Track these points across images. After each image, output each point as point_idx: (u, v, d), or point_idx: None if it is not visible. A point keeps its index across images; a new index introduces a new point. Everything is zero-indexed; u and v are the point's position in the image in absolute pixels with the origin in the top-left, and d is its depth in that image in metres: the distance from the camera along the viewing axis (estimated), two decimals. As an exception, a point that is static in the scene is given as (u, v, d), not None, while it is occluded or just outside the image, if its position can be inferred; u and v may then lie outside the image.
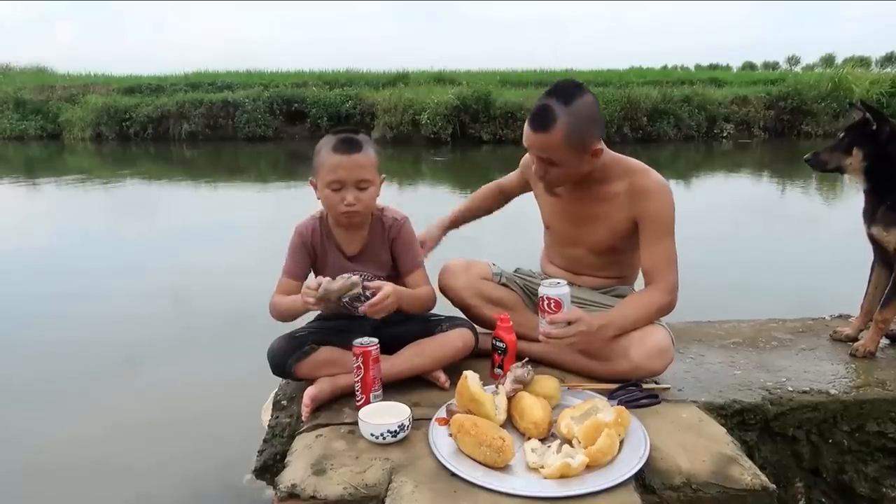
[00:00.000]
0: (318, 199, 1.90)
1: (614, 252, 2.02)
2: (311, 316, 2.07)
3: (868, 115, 2.06)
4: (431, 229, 2.31)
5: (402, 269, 1.95)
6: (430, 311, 1.99)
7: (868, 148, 2.08)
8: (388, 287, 1.75)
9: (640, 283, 2.00)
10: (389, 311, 1.75)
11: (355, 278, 1.70)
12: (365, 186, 1.82)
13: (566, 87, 1.79)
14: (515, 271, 2.21)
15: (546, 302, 1.78)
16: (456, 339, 1.89)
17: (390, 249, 1.94)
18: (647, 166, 1.93)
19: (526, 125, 1.82)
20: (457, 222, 2.38)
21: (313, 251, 1.95)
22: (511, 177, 2.30)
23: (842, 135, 2.16)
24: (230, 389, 2.86)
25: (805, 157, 2.23)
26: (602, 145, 1.85)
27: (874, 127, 2.06)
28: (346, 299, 1.75)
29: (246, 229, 6.20)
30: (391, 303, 1.74)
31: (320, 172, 1.82)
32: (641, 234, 1.90)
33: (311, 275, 1.76)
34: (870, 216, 2.13)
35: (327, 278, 1.70)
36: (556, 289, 1.78)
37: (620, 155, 1.95)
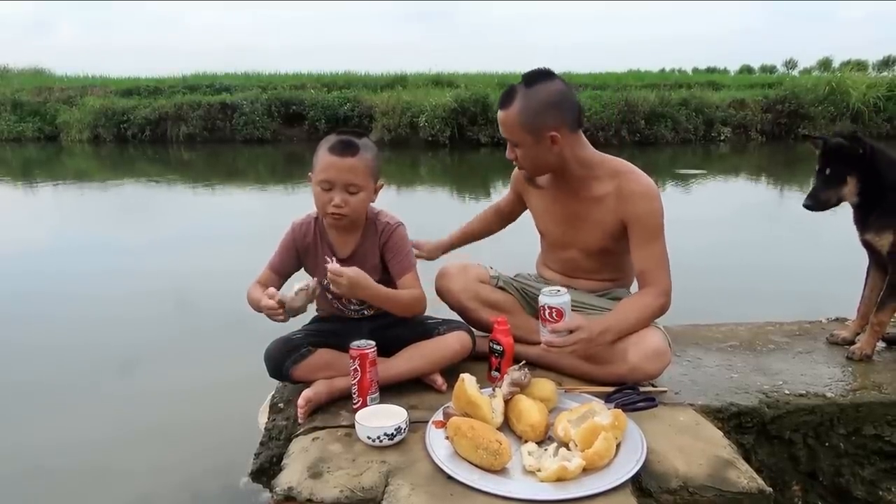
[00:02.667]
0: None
1: (607, 254, 2.03)
2: (309, 318, 2.07)
3: (852, 143, 2.06)
4: (430, 247, 2.32)
5: (392, 273, 1.94)
6: (419, 314, 1.97)
7: (859, 172, 2.08)
8: (352, 270, 1.75)
9: (635, 285, 2.01)
10: (351, 292, 1.76)
11: (311, 283, 1.74)
12: (354, 191, 1.81)
13: (533, 73, 1.86)
14: (515, 276, 2.21)
15: (548, 311, 1.78)
16: (453, 342, 1.90)
17: (381, 253, 1.94)
18: (633, 167, 1.93)
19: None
20: (454, 245, 2.39)
21: (304, 250, 1.96)
22: (506, 195, 2.31)
23: (828, 171, 2.11)
24: (228, 392, 2.86)
25: (804, 203, 2.16)
26: (564, 134, 1.84)
27: (861, 151, 2.06)
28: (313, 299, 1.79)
29: (243, 232, 6.18)
30: (347, 280, 1.72)
31: (315, 169, 1.83)
32: (631, 237, 1.90)
33: (278, 290, 1.77)
34: (861, 224, 2.14)
35: (290, 295, 1.73)
36: (557, 297, 1.78)
37: (607, 155, 1.96)
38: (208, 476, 2.34)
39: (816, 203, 2.14)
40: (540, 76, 1.85)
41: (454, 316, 2.09)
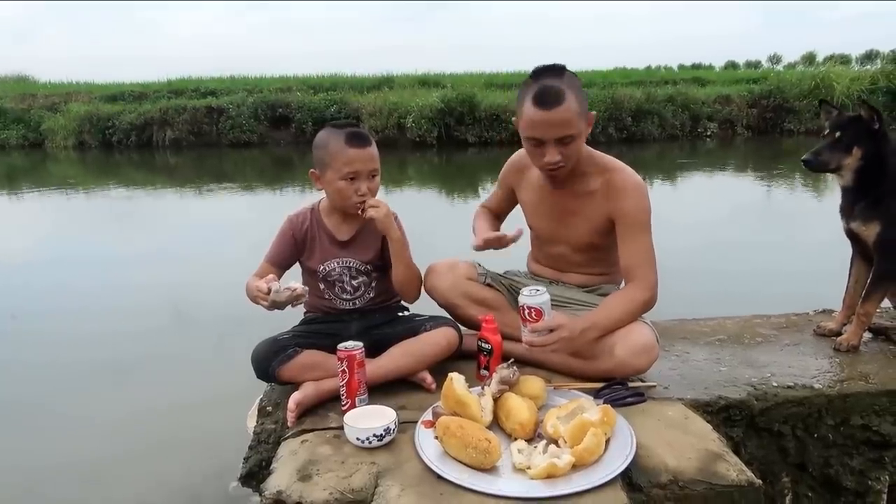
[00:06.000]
0: (320, 189, 1.96)
1: (596, 249, 2.03)
2: (297, 319, 2.07)
3: (873, 114, 2.03)
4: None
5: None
6: (414, 295, 2.03)
7: (868, 147, 2.05)
8: (384, 206, 1.87)
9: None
10: (385, 221, 1.86)
11: (300, 291, 1.73)
12: (375, 175, 1.91)
13: (551, 66, 1.84)
14: (504, 273, 2.20)
15: (527, 311, 1.78)
16: (440, 338, 1.90)
17: (383, 239, 1.96)
18: (622, 164, 1.95)
19: (534, 110, 1.77)
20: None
21: (302, 239, 1.98)
22: (492, 196, 2.27)
23: (838, 134, 2.08)
24: (218, 397, 2.84)
25: (803, 157, 2.12)
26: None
27: (877, 126, 2.04)
28: (297, 303, 1.78)
29: (232, 236, 6.17)
30: (385, 208, 1.86)
31: (333, 164, 1.87)
32: (619, 232, 1.91)
33: (275, 280, 1.77)
34: (848, 212, 2.14)
35: (278, 287, 1.72)
36: (535, 297, 1.78)
37: (597, 151, 1.97)
38: (199, 481, 2.34)
39: (815, 161, 2.11)
40: (559, 66, 1.83)
41: (442, 313, 2.09)
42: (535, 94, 1.78)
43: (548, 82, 1.78)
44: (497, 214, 2.29)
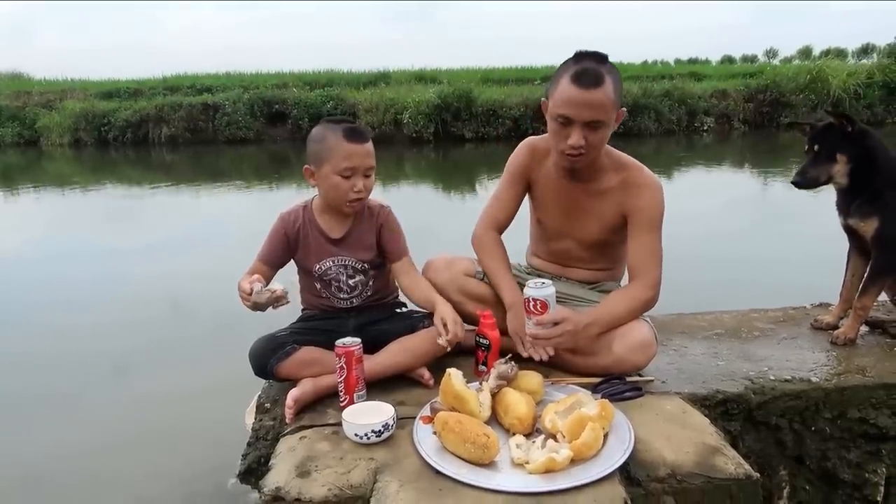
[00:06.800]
0: (314, 185, 1.93)
1: (603, 245, 2.03)
2: (295, 316, 2.07)
3: (842, 119, 2.06)
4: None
5: (391, 256, 1.99)
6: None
7: (850, 150, 2.07)
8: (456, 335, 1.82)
9: (625, 279, 2.01)
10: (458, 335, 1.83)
11: (280, 293, 1.73)
12: (370, 174, 1.88)
13: (594, 52, 1.80)
14: None
15: (532, 303, 1.78)
16: (437, 335, 1.89)
17: (378, 235, 1.97)
18: (639, 163, 1.95)
19: (571, 87, 1.74)
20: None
21: (295, 238, 1.97)
22: (499, 206, 2.11)
23: (817, 147, 2.10)
24: (217, 394, 2.84)
25: (792, 180, 2.13)
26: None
27: (850, 129, 2.05)
28: (277, 305, 1.77)
29: (229, 233, 6.15)
30: (457, 328, 1.83)
31: (331, 159, 1.84)
32: (630, 228, 1.91)
33: (258, 282, 1.76)
34: (845, 209, 2.15)
35: (258, 288, 1.71)
36: (541, 290, 1.77)
37: (614, 149, 1.96)
38: (198, 478, 2.33)
39: (804, 180, 2.12)
40: (604, 54, 1.80)
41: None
42: (574, 72, 1.75)
43: (589, 65, 1.76)
44: (503, 230, 2.14)
